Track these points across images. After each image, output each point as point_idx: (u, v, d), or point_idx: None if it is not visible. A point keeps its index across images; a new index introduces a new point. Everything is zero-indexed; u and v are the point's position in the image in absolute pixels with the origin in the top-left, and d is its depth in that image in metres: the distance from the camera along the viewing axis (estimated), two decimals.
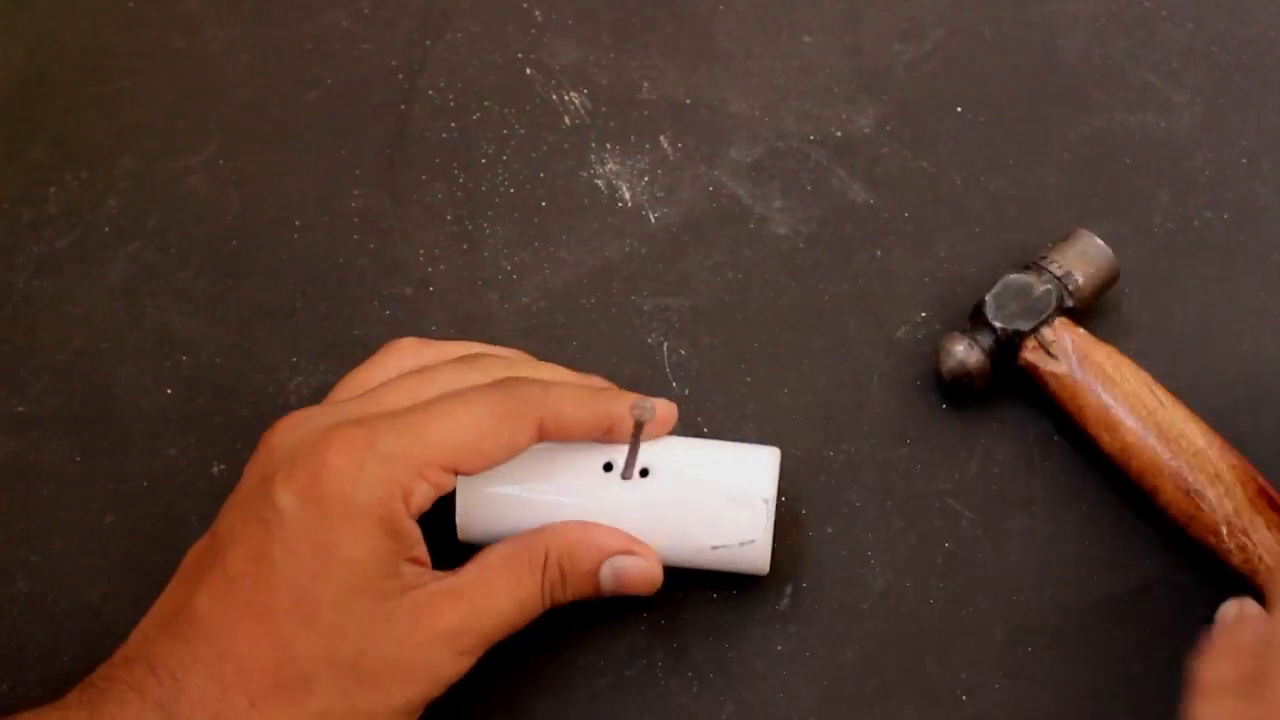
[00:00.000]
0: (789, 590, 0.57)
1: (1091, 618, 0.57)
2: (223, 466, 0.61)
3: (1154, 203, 0.67)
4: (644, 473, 0.54)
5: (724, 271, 0.65)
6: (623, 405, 0.54)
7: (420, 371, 0.55)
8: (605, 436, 0.54)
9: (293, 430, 0.52)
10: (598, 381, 0.58)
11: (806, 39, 0.72)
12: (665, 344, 0.64)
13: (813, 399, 0.62)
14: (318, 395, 0.60)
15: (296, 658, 0.48)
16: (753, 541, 0.54)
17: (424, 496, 0.50)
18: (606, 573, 0.53)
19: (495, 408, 0.51)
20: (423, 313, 0.65)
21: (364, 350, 0.63)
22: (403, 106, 0.70)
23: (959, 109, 0.70)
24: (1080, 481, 0.60)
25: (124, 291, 0.65)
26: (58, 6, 0.73)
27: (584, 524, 0.53)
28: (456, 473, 0.51)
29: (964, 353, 0.60)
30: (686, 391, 0.63)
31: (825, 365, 0.63)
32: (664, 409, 0.55)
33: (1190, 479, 0.56)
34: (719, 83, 0.71)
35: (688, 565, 0.55)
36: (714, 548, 0.54)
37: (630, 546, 0.53)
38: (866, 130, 0.69)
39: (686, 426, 0.62)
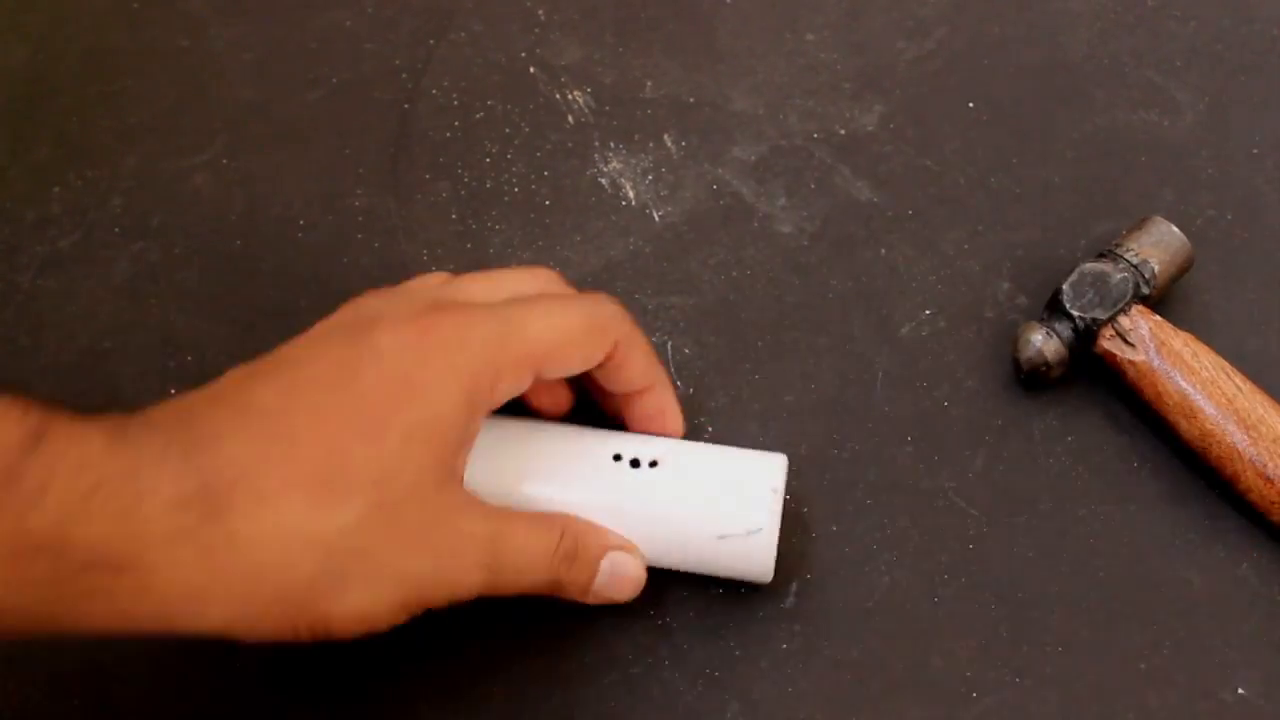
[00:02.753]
0: (793, 588, 0.57)
1: (1098, 615, 0.57)
2: None
3: (1157, 201, 0.67)
4: (653, 464, 0.54)
5: (728, 270, 0.66)
6: (664, 375, 0.56)
7: (487, 273, 0.56)
8: (637, 392, 0.55)
9: (388, 299, 0.53)
10: None
11: (810, 37, 0.72)
12: (669, 342, 0.64)
13: (817, 397, 0.62)
14: None
15: (348, 466, 0.47)
16: (760, 530, 0.54)
17: (508, 388, 0.51)
18: (606, 565, 0.53)
19: (587, 318, 0.53)
20: None
21: None
22: (406, 106, 0.70)
23: (963, 107, 0.70)
24: (1085, 478, 0.61)
25: (128, 291, 0.65)
26: (62, 6, 0.73)
27: (591, 521, 0.54)
28: (537, 375, 0.52)
29: (1042, 341, 0.60)
30: (691, 390, 0.63)
31: (829, 363, 0.63)
32: (678, 422, 0.57)
33: (1270, 465, 0.57)
34: (722, 81, 0.71)
35: (693, 564, 0.55)
36: (720, 537, 0.54)
37: (627, 545, 0.54)
38: (870, 128, 0.69)
39: (690, 425, 0.62)
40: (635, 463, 0.54)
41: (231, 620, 0.46)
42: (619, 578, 0.54)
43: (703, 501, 0.54)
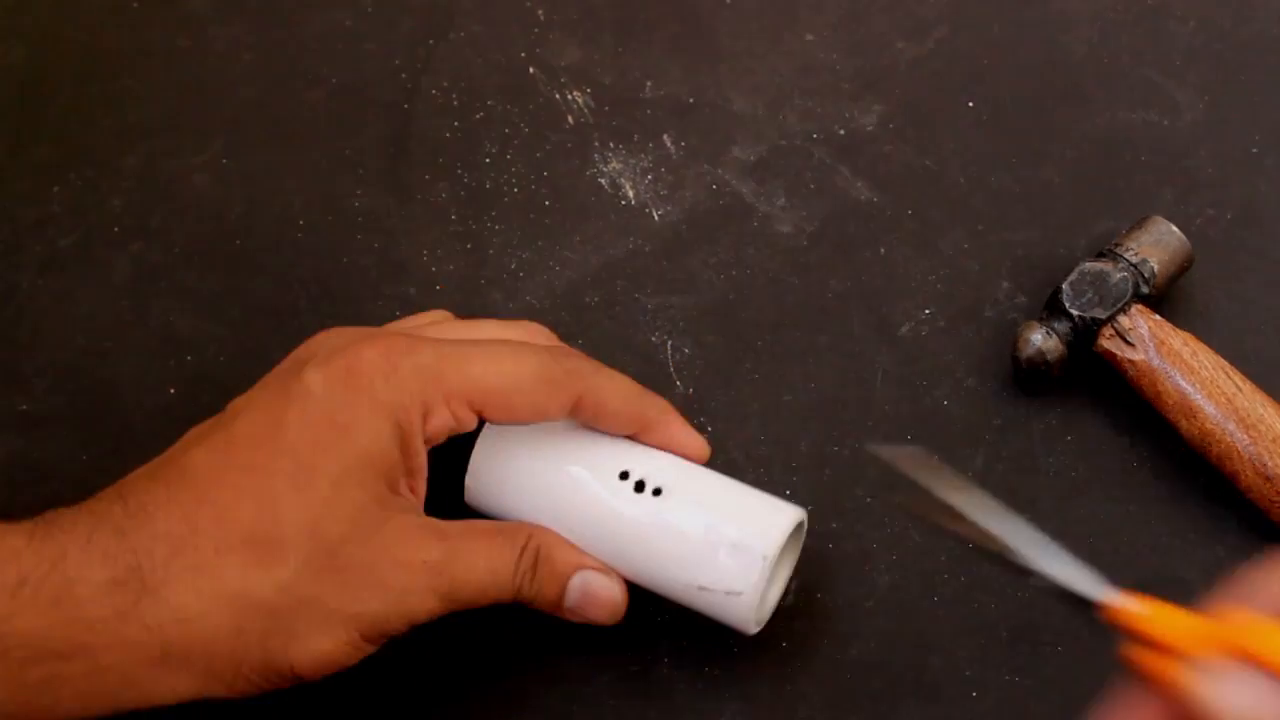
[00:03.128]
0: (793, 587, 0.57)
1: (1098, 614, 0.57)
2: None
3: (1157, 200, 0.67)
4: (657, 491, 0.53)
5: (727, 269, 0.66)
6: (661, 412, 0.54)
7: (466, 320, 0.56)
8: (634, 434, 0.54)
9: (337, 335, 0.53)
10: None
11: (809, 38, 0.72)
12: (669, 342, 0.64)
13: (816, 397, 0.62)
14: None
15: (280, 518, 0.47)
16: (740, 594, 0.52)
17: (441, 422, 0.50)
18: (576, 582, 0.52)
19: (539, 369, 0.52)
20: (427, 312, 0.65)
21: None
22: (406, 106, 0.70)
23: (962, 107, 0.70)
24: (1085, 478, 0.60)
25: (128, 291, 0.65)
26: (61, 6, 0.73)
27: (568, 541, 0.53)
28: (480, 415, 0.51)
29: (1042, 340, 0.60)
30: (690, 390, 0.63)
31: (829, 363, 0.63)
32: (697, 446, 0.55)
33: (1270, 464, 0.57)
34: (722, 82, 0.71)
35: (677, 599, 0.53)
36: (700, 588, 0.52)
37: (604, 568, 0.53)
38: (870, 128, 0.69)
39: (690, 425, 0.62)
40: (640, 485, 0.53)
41: (202, 686, 0.47)
42: (592, 597, 0.52)
43: (690, 549, 0.52)
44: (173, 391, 0.63)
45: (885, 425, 0.62)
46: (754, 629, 0.53)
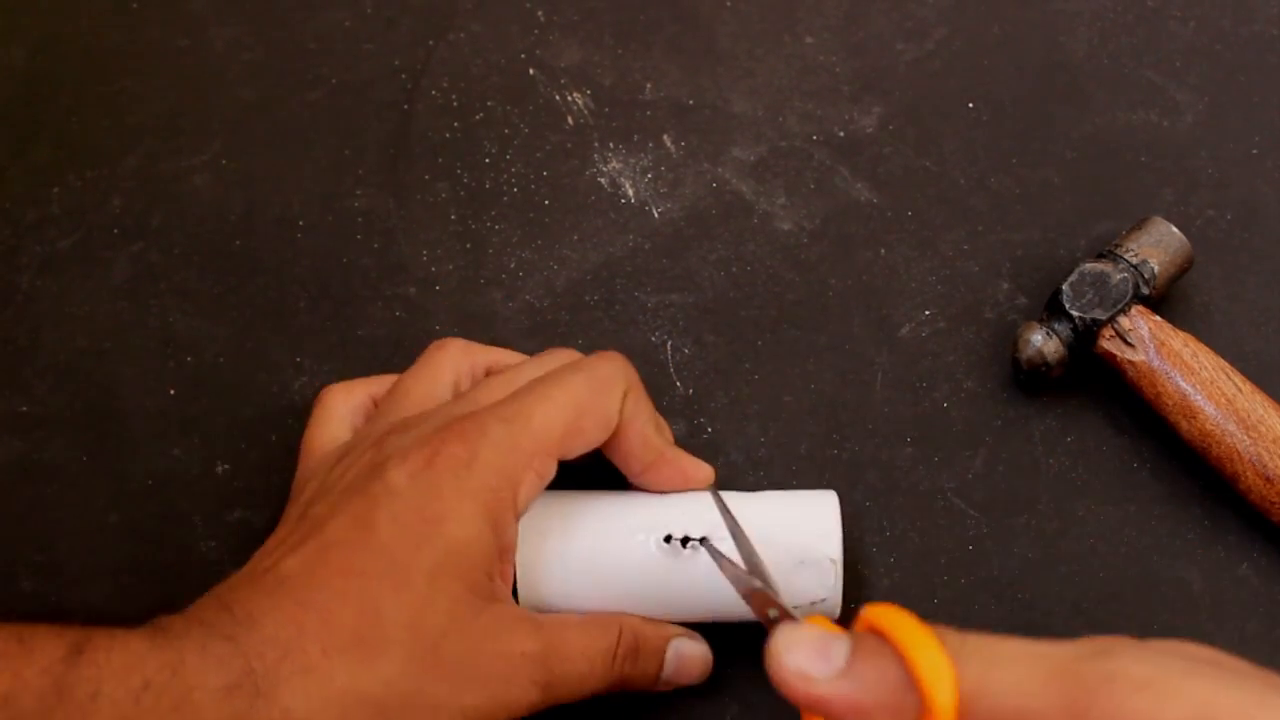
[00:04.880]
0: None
1: (1098, 615, 0.57)
2: (226, 466, 0.61)
3: (1157, 201, 0.67)
4: (703, 540, 0.53)
5: (728, 266, 0.66)
6: (666, 445, 0.55)
7: (500, 375, 0.55)
8: (641, 467, 0.54)
9: (403, 432, 0.53)
10: None
11: (809, 40, 0.72)
12: (669, 342, 0.64)
13: (816, 397, 0.62)
14: None
15: (381, 619, 0.48)
16: (824, 599, 0.53)
17: (531, 487, 0.51)
18: (672, 654, 0.53)
19: (588, 382, 0.52)
20: (427, 312, 0.65)
21: (368, 350, 0.63)
22: (406, 106, 0.70)
23: (962, 107, 0.70)
24: (1085, 478, 0.60)
25: (127, 291, 0.65)
26: (61, 7, 0.73)
27: (643, 616, 0.54)
28: (561, 458, 0.52)
29: (1042, 341, 0.60)
30: (690, 390, 0.63)
31: (829, 363, 0.63)
32: (703, 474, 0.55)
33: (1270, 465, 0.57)
34: (722, 83, 0.71)
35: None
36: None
37: (689, 633, 0.54)
38: (870, 130, 0.69)
39: (690, 424, 0.62)
40: (685, 541, 0.53)
41: None
42: (687, 662, 0.54)
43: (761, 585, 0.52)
44: (173, 392, 0.63)
45: (885, 426, 0.62)
46: (837, 615, 0.54)
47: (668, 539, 0.53)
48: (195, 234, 0.66)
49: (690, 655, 0.54)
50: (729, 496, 0.54)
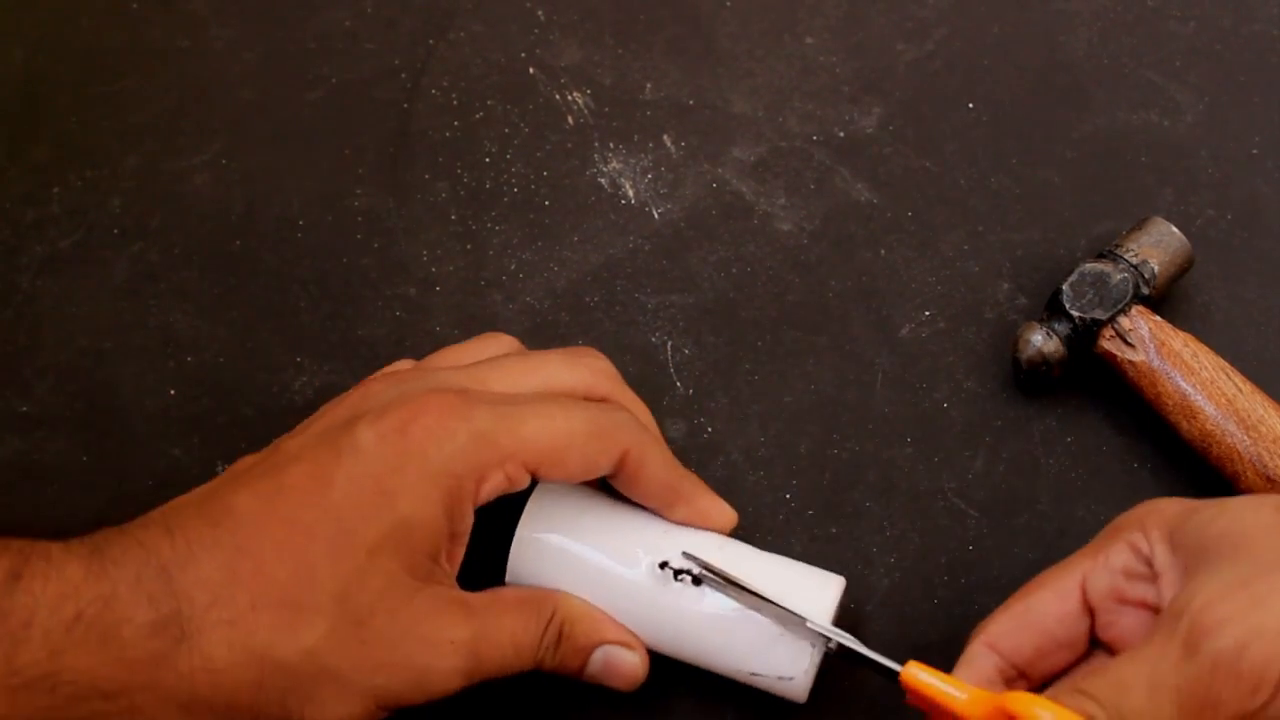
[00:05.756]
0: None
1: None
2: (227, 466, 0.61)
3: (1157, 201, 0.67)
4: (697, 581, 0.52)
5: (728, 266, 0.66)
6: (694, 485, 0.54)
7: (525, 355, 0.55)
8: (663, 505, 0.54)
9: (394, 384, 0.52)
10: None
11: (809, 40, 0.72)
12: (669, 342, 0.64)
13: (816, 397, 0.62)
14: (322, 395, 0.60)
15: (314, 584, 0.47)
16: (792, 679, 0.52)
17: (494, 486, 0.50)
18: (598, 656, 0.53)
19: (590, 424, 0.52)
20: (427, 312, 0.65)
21: (369, 350, 0.63)
22: (406, 106, 0.70)
23: (962, 108, 0.70)
24: (1085, 479, 0.61)
25: (128, 291, 0.65)
26: (61, 7, 0.73)
27: (593, 606, 0.53)
28: (534, 475, 0.51)
29: (1042, 341, 0.60)
30: (690, 390, 0.63)
31: (829, 363, 0.63)
32: (725, 518, 0.55)
33: (1270, 465, 0.57)
34: (722, 84, 0.71)
35: (726, 676, 0.54)
36: (751, 673, 0.52)
37: (628, 640, 0.53)
38: (870, 130, 0.69)
39: (690, 425, 0.62)
40: (679, 573, 0.52)
41: None
42: (613, 669, 0.53)
43: (737, 640, 0.52)
44: (173, 392, 0.63)
45: (885, 427, 0.62)
46: (804, 700, 0.53)
47: (663, 565, 0.53)
48: (195, 234, 0.66)
49: (618, 663, 0.53)
50: (739, 548, 0.54)
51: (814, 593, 0.52)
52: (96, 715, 0.45)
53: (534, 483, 0.52)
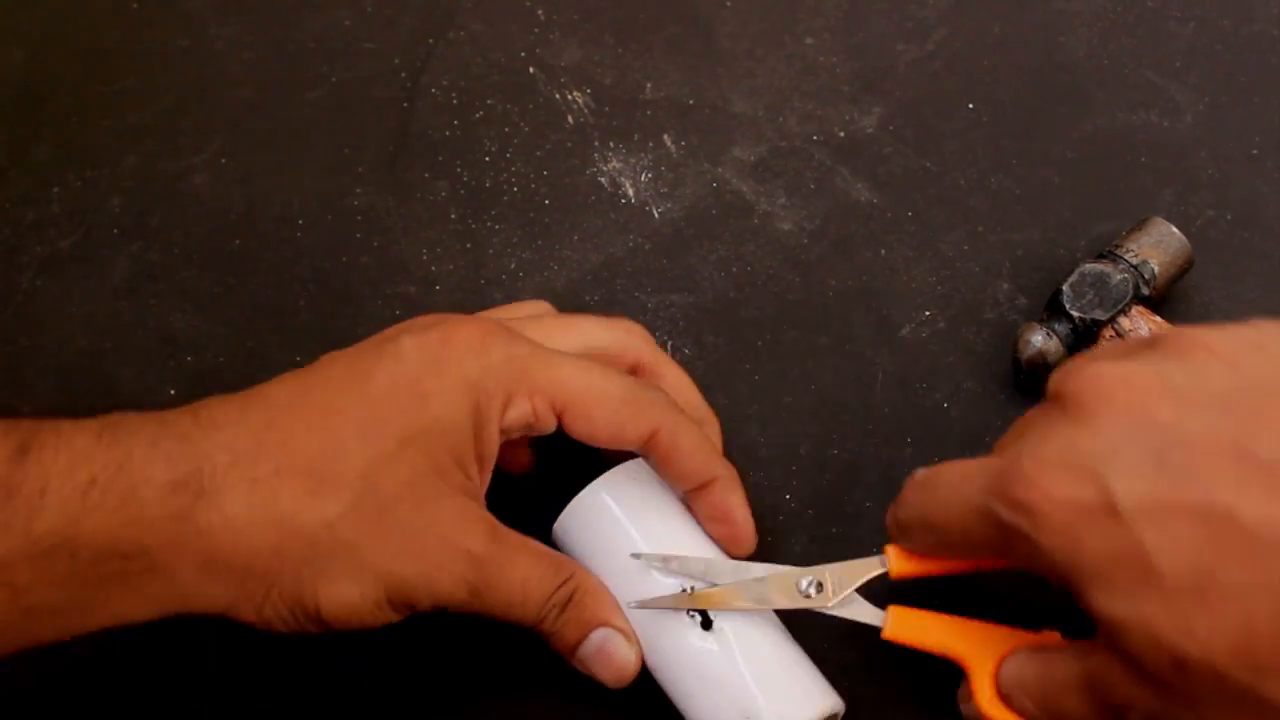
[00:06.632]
0: None
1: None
2: None
3: (1157, 201, 0.67)
4: (707, 624, 0.52)
5: (728, 266, 0.66)
6: (728, 472, 0.54)
7: (563, 316, 0.56)
8: (691, 491, 0.54)
9: (442, 316, 0.53)
10: None
11: (809, 40, 0.72)
12: (669, 342, 0.64)
13: (816, 397, 0.62)
14: None
15: (342, 459, 0.48)
16: None
17: (520, 414, 0.51)
18: (597, 637, 0.52)
19: (626, 390, 0.52)
20: (426, 311, 0.64)
21: None
22: (406, 105, 0.70)
23: (962, 108, 0.70)
24: None
25: (127, 291, 0.65)
26: (61, 7, 0.73)
27: (608, 589, 0.53)
28: (559, 419, 0.52)
29: (1042, 342, 0.60)
30: None
31: (829, 363, 0.63)
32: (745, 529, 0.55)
33: None
34: (722, 83, 0.71)
35: None
36: None
37: (629, 632, 0.52)
38: (870, 130, 0.69)
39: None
40: (694, 615, 0.52)
41: (234, 600, 0.47)
42: (606, 656, 0.52)
43: (717, 702, 0.51)
44: (173, 392, 0.63)
45: (885, 427, 0.62)
46: None
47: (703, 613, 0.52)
48: (195, 233, 0.67)
49: (613, 650, 0.52)
50: (769, 622, 0.53)
51: (795, 703, 0.51)
52: (115, 576, 0.45)
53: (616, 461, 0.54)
